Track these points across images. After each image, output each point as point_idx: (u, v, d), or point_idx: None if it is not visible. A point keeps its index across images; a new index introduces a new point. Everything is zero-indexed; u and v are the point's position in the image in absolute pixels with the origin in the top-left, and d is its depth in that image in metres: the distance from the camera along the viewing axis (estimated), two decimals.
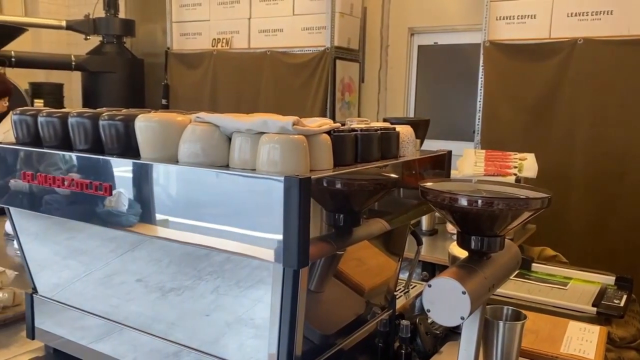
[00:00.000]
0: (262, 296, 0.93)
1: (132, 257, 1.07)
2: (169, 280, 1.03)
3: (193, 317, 1.01)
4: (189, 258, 0.99)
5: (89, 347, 1.15)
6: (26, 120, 1.12)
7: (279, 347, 0.88)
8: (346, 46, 4.49)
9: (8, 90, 3.09)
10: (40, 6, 6.27)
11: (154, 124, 0.94)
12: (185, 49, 5.15)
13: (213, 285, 0.97)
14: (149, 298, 1.07)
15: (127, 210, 0.95)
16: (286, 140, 0.83)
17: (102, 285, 1.12)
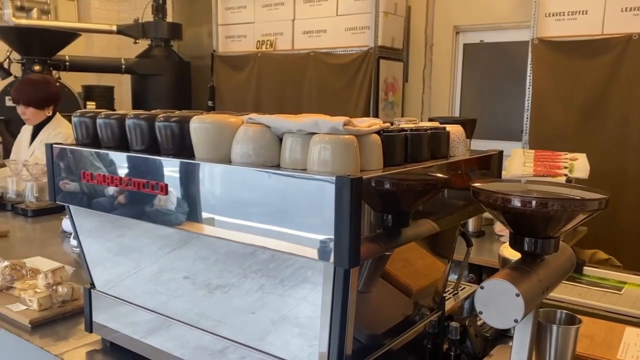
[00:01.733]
0: (306, 295, 0.94)
1: (179, 255, 1.10)
2: (216, 278, 1.06)
3: (239, 314, 1.03)
4: (235, 256, 1.01)
5: (141, 341, 1.18)
6: (85, 122, 1.17)
7: (329, 346, 0.88)
8: (390, 46, 4.47)
9: (57, 99, 3.12)
10: (92, 12, 6.51)
11: (208, 125, 0.97)
12: (231, 51, 5.24)
13: (258, 283, 0.99)
14: (196, 295, 1.09)
15: (182, 209, 0.98)
16: (337, 140, 0.83)
17: (152, 282, 1.16)
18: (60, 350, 1.24)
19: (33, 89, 3.01)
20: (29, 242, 2.29)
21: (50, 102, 3.06)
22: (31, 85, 3.05)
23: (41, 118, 3.07)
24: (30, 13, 5.59)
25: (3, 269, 1.50)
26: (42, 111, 3.05)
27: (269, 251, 0.96)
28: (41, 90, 3.02)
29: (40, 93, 3.01)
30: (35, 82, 3.09)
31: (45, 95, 3.02)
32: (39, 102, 3.00)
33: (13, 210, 2.63)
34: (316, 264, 0.90)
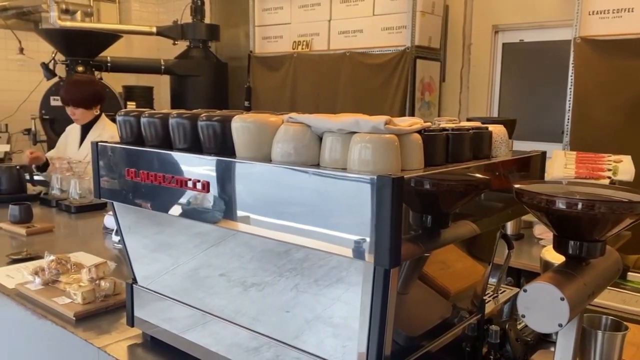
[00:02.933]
0: (340, 295, 0.94)
1: (216, 252, 1.11)
2: (251, 276, 1.07)
3: (273, 312, 1.04)
4: (270, 254, 1.02)
5: (180, 336, 1.20)
6: (130, 121, 1.19)
7: (368, 346, 0.88)
8: (427, 45, 4.42)
9: (102, 98, 3.22)
10: (132, 14, 6.67)
11: (249, 125, 0.98)
12: (267, 52, 5.28)
13: (293, 282, 0.99)
14: (231, 292, 1.10)
15: (222, 207, 0.99)
16: (378, 139, 0.83)
17: (190, 278, 1.18)
18: (103, 343, 1.27)
19: (80, 90, 3.11)
20: (72, 238, 2.36)
21: (97, 101, 3.16)
22: (78, 86, 3.16)
23: (89, 117, 3.17)
24: (74, 16, 5.77)
25: (49, 263, 1.55)
26: (90, 111, 3.15)
27: (303, 250, 0.97)
28: (87, 90, 3.13)
29: (87, 93, 3.12)
30: (81, 83, 3.21)
31: (92, 95, 3.13)
32: (87, 102, 3.11)
33: (57, 206, 2.72)
34: (351, 264, 0.90)
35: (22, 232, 2.21)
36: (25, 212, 2.27)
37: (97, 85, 3.25)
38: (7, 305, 1.52)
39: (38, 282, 1.52)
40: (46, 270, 1.54)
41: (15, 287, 1.56)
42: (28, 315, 1.45)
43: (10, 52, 5.72)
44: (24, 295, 1.52)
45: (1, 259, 1.88)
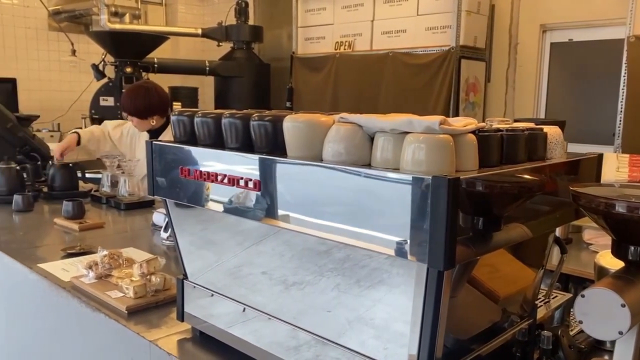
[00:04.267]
0: (381, 297, 0.93)
1: (258, 250, 1.13)
2: (292, 275, 1.07)
3: (314, 312, 1.04)
4: (310, 254, 1.02)
5: (227, 331, 1.22)
6: (183, 120, 1.22)
7: (419, 349, 0.87)
8: (472, 45, 4.36)
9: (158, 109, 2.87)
10: (178, 16, 6.82)
11: (300, 124, 0.98)
12: (309, 52, 5.31)
13: (334, 282, 0.99)
14: (273, 290, 1.11)
15: (273, 205, 1.01)
16: (432, 139, 0.82)
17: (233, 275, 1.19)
18: (154, 336, 1.31)
19: (132, 98, 2.83)
20: (121, 234, 2.43)
21: (152, 111, 2.83)
22: (131, 94, 2.87)
23: (146, 127, 2.88)
24: (122, 18, 5.94)
25: (102, 258, 1.60)
26: (146, 120, 2.84)
27: (344, 250, 0.97)
28: (140, 99, 2.81)
29: (138, 102, 2.81)
30: (135, 91, 2.88)
31: (144, 105, 2.81)
32: (139, 112, 2.82)
33: (107, 203, 2.80)
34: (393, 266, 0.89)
35: (75, 228, 2.29)
36: (78, 208, 2.36)
37: (154, 95, 2.85)
38: (63, 297, 1.58)
39: (92, 276, 1.57)
40: (99, 264, 1.59)
41: (70, 280, 1.62)
42: (82, 308, 1.50)
43: (63, 54, 5.95)
44: (78, 288, 1.57)
45: (56, 253, 1.96)
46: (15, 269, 1.84)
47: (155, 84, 3.04)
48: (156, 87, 2.93)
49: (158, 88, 2.93)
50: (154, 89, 2.89)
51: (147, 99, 2.82)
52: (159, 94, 2.90)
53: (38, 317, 1.79)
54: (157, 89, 2.91)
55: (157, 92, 2.89)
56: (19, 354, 1.95)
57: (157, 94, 2.88)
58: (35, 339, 1.83)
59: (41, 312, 1.76)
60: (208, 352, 1.25)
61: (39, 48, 5.97)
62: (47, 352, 1.77)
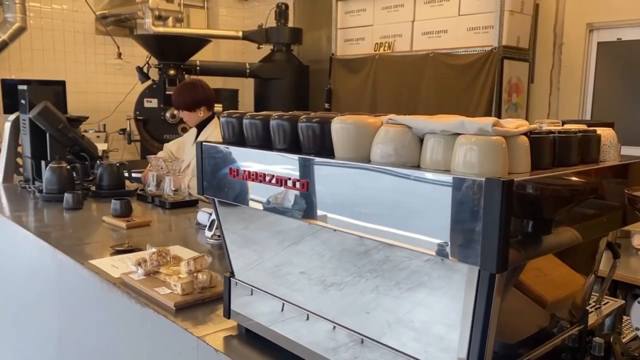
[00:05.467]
0: (421, 299, 0.93)
1: (300, 250, 1.14)
2: (330, 275, 1.08)
3: (354, 313, 1.04)
4: (350, 254, 1.03)
5: (271, 329, 1.24)
6: (232, 122, 1.25)
7: (469, 353, 0.87)
8: (515, 45, 4.27)
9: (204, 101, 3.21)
10: (220, 19, 6.93)
11: (349, 126, 0.99)
12: (349, 54, 5.31)
13: (373, 283, 0.99)
14: (311, 290, 1.12)
15: (321, 205, 1.02)
16: (485, 141, 0.82)
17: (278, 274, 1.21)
18: (201, 333, 1.34)
19: (181, 94, 3.19)
20: (167, 232, 2.49)
21: (199, 104, 3.18)
22: (180, 90, 3.24)
23: (195, 120, 3.23)
24: (166, 22, 6.08)
25: (151, 255, 1.65)
26: (194, 113, 3.18)
27: (383, 251, 0.97)
28: (188, 93, 3.17)
29: (187, 96, 3.16)
30: (183, 87, 3.26)
31: (192, 99, 3.16)
32: (188, 105, 3.16)
33: (152, 202, 2.88)
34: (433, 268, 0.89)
35: (122, 225, 2.36)
36: (125, 206, 2.43)
37: (198, 88, 3.21)
38: (113, 293, 1.63)
39: (140, 273, 1.62)
40: (148, 261, 1.63)
41: (120, 277, 1.67)
42: (132, 303, 1.54)
43: (109, 57, 6.13)
44: (128, 285, 1.62)
45: (105, 250, 2.02)
46: (67, 265, 1.91)
47: (200, 79, 3.43)
48: (201, 82, 3.31)
49: (203, 83, 3.31)
50: (199, 84, 3.27)
51: (194, 92, 3.18)
52: (204, 88, 3.25)
53: (89, 311, 1.85)
54: (202, 84, 3.28)
55: (202, 86, 3.24)
56: (72, 348, 2.03)
57: (202, 88, 3.23)
58: (87, 333, 1.89)
59: (92, 307, 1.82)
60: (254, 350, 1.27)
61: (87, 51, 6.17)
62: (97, 345, 1.83)
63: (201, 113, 3.21)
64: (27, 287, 2.37)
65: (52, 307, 2.12)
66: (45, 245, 2.10)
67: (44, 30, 5.87)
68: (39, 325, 2.27)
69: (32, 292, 2.32)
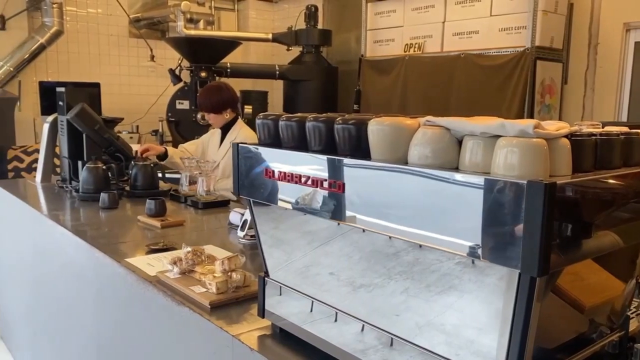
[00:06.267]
0: (452, 303, 0.92)
1: (330, 250, 1.14)
2: (359, 277, 1.08)
3: (383, 315, 1.04)
4: (379, 256, 1.02)
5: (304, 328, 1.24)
6: (268, 123, 1.26)
7: (507, 358, 0.86)
8: (548, 46, 4.21)
9: (231, 103, 3.33)
10: (250, 21, 7.00)
11: (385, 128, 0.99)
12: (378, 55, 5.30)
13: (403, 285, 0.99)
14: (340, 291, 1.13)
15: (357, 207, 1.02)
16: (526, 143, 0.81)
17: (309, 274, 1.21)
18: (236, 331, 1.35)
19: (207, 96, 3.27)
20: (200, 232, 2.53)
21: (225, 105, 3.27)
22: (206, 93, 3.32)
23: (221, 121, 3.31)
24: (197, 24, 6.17)
25: (186, 254, 1.68)
26: (221, 115, 3.28)
27: (413, 253, 0.96)
28: (214, 96, 3.26)
29: (214, 99, 3.25)
30: (209, 90, 3.34)
31: (219, 100, 3.25)
32: (215, 107, 3.25)
33: (185, 202, 2.92)
34: (464, 271, 0.89)
35: (157, 225, 2.40)
36: (160, 206, 2.47)
37: (225, 90, 3.32)
38: (149, 291, 1.66)
39: (176, 271, 1.65)
40: (183, 260, 1.66)
41: (156, 275, 1.70)
42: (167, 302, 1.57)
43: (142, 60, 6.25)
44: (163, 283, 1.65)
45: (140, 248, 2.06)
46: (105, 263, 1.96)
47: (225, 82, 3.54)
48: (226, 85, 3.40)
49: (228, 85, 3.40)
50: (224, 86, 3.37)
51: (220, 95, 3.28)
52: (229, 90, 3.36)
53: (125, 308, 1.89)
54: (227, 86, 3.38)
55: (228, 89, 3.36)
56: (108, 344, 2.07)
57: (228, 90, 3.34)
58: (123, 329, 1.94)
59: (128, 304, 1.86)
60: (288, 349, 1.28)
61: (120, 54, 6.31)
62: (134, 342, 1.87)
63: (227, 115, 3.30)
64: (65, 283, 2.43)
65: (89, 304, 2.17)
66: (82, 243, 2.15)
67: (80, 33, 6.02)
68: (76, 321, 2.33)
69: (69, 289, 2.38)
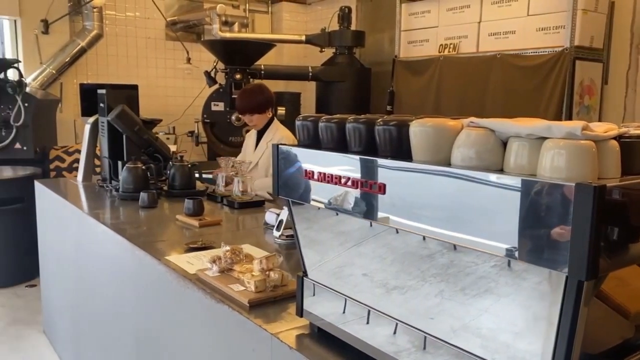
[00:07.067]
0: (488, 306, 0.91)
1: (363, 251, 1.15)
2: (393, 278, 1.08)
3: (417, 318, 1.04)
4: (412, 258, 1.02)
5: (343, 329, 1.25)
6: (307, 125, 1.27)
7: None
8: (588, 45, 4.11)
9: (272, 101, 3.45)
10: (283, 23, 7.05)
11: (428, 129, 0.99)
12: (412, 56, 5.27)
13: (437, 288, 0.98)
14: (374, 293, 1.13)
15: (399, 208, 1.02)
16: (574, 145, 0.80)
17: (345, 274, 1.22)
18: (275, 330, 1.37)
19: (250, 98, 3.38)
20: (236, 231, 2.57)
21: (268, 104, 3.40)
22: (248, 94, 3.42)
23: (264, 121, 3.43)
24: (232, 27, 6.25)
25: (225, 253, 1.70)
26: (264, 114, 3.40)
27: (447, 255, 0.96)
28: (257, 96, 3.37)
29: (258, 99, 3.36)
30: (251, 91, 3.46)
31: (263, 100, 3.37)
32: (260, 107, 3.36)
33: (221, 202, 2.97)
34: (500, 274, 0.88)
35: (195, 224, 2.44)
36: (198, 206, 2.52)
37: (265, 90, 3.45)
38: (189, 289, 1.70)
39: (215, 270, 1.68)
40: (222, 259, 1.69)
41: (195, 273, 1.74)
42: (207, 299, 1.60)
43: (178, 62, 6.37)
44: (203, 281, 1.68)
45: (179, 247, 2.10)
46: (145, 261, 2.01)
47: (261, 82, 3.75)
48: (264, 84, 3.57)
49: (265, 85, 3.56)
50: (264, 86, 3.52)
51: (263, 94, 3.41)
52: (269, 90, 3.50)
53: (165, 305, 1.94)
54: (265, 86, 3.54)
55: (267, 88, 3.51)
56: (147, 339, 2.12)
57: (267, 89, 3.49)
58: (162, 325, 1.98)
59: (168, 300, 1.90)
60: (326, 349, 1.28)
61: (157, 56, 6.44)
62: (172, 338, 1.91)
63: (269, 113, 3.42)
64: (106, 280, 2.50)
65: (129, 299, 2.22)
66: (123, 241, 2.21)
67: (119, 36, 6.17)
68: (117, 316, 2.39)
69: (110, 285, 2.44)
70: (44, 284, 3.76)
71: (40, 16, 5.50)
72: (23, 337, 3.69)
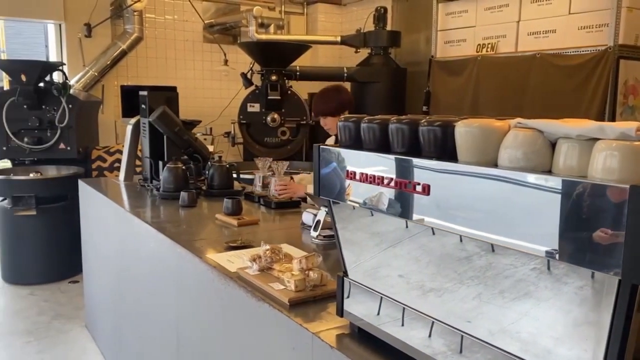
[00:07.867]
0: (528, 310, 0.90)
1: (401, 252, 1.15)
2: (429, 280, 1.07)
3: (454, 320, 1.03)
4: (449, 260, 1.01)
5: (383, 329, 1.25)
6: (349, 126, 1.28)
7: None
8: (633, 44, 3.99)
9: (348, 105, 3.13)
10: (318, 24, 7.07)
11: (474, 130, 0.99)
12: (449, 56, 5.22)
13: (475, 291, 0.97)
14: (410, 295, 1.12)
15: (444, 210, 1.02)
16: (628, 147, 0.78)
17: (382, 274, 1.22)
18: (315, 329, 1.38)
19: (323, 100, 3.13)
20: (273, 231, 2.59)
21: (343, 108, 3.07)
22: (321, 97, 3.17)
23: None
24: (268, 29, 6.30)
25: (265, 252, 1.73)
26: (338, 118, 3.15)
27: (485, 257, 0.95)
28: (331, 99, 3.09)
29: (331, 102, 3.08)
30: (325, 93, 3.18)
31: (337, 103, 3.07)
32: (332, 111, 3.07)
33: (258, 201, 3.00)
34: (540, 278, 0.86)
35: (233, 223, 2.48)
36: (236, 205, 2.56)
37: (342, 93, 3.17)
38: (230, 287, 1.72)
39: (255, 268, 1.70)
40: (262, 257, 1.71)
41: (236, 271, 1.76)
42: (248, 298, 1.62)
43: (216, 64, 6.46)
44: (243, 279, 1.70)
45: (218, 245, 2.14)
46: (186, 259, 2.05)
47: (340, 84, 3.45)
48: (343, 86, 3.32)
49: (344, 87, 3.33)
50: (342, 88, 3.29)
51: (339, 97, 3.14)
52: (347, 91, 3.28)
53: (206, 303, 1.97)
54: (344, 88, 3.31)
55: (345, 91, 3.28)
56: (188, 336, 2.16)
57: (345, 92, 3.25)
58: (202, 322, 2.02)
59: (209, 298, 1.94)
60: (367, 349, 1.29)
61: (195, 58, 6.55)
62: (212, 335, 1.94)
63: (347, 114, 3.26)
64: (147, 277, 2.56)
65: (170, 296, 2.27)
66: (165, 239, 2.26)
67: (158, 39, 6.31)
68: (158, 313, 2.45)
69: (151, 282, 2.50)
70: (86, 280, 3.87)
71: (84, 20, 5.67)
72: (66, 331, 3.82)
